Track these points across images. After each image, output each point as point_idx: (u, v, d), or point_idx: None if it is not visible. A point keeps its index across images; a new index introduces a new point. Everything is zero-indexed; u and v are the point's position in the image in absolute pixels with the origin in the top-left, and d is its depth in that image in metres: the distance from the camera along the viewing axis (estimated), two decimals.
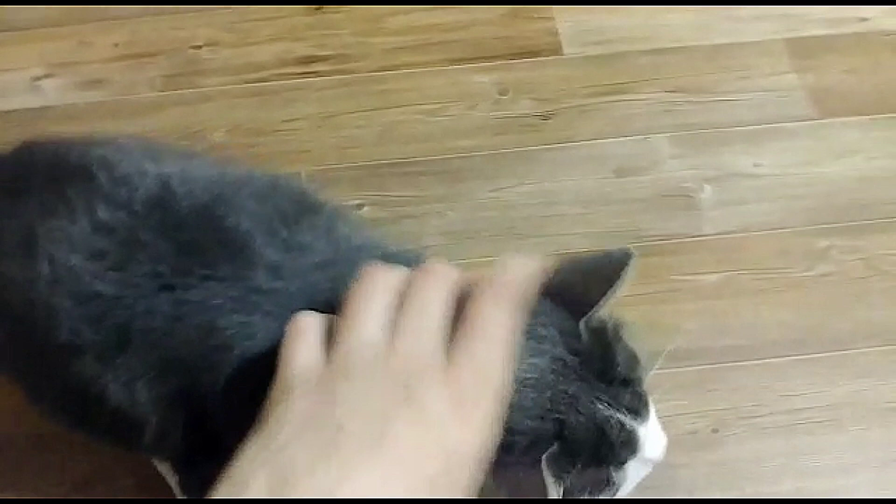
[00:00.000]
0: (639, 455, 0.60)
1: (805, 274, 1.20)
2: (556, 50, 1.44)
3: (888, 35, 1.44)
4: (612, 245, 1.21)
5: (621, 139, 1.33)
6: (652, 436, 0.62)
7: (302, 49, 1.49)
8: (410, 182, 1.31)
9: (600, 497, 0.59)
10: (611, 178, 1.29)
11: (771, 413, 1.10)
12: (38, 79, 1.49)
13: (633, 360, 0.64)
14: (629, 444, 0.59)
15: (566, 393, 0.55)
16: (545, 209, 1.27)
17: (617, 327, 0.65)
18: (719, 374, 1.13)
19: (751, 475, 1.05)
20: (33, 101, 1.46)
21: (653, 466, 0.65)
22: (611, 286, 0.62)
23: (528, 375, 0.55)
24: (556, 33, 1.46)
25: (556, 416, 0.55)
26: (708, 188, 1.28)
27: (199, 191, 0.67)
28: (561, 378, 0.56)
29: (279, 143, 1.37)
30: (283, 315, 0.49)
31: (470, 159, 1.33)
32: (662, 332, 1.15)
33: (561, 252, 1.22)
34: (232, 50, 1.50)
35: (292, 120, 1.39)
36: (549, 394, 0.55)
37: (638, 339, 0.67)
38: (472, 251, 1.23)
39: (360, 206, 1.29)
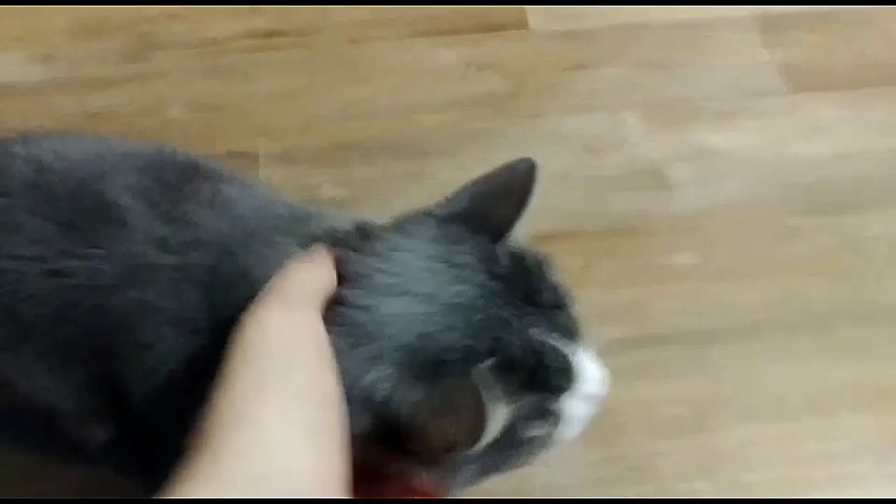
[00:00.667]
0: (578, 387, 0.53)
1: (779, 252, 1.08)
2: (523, 24, 1.31)
3: (860, 8, 1.33)
4: (582, 225, 1.12)
5: (589, 115, 1.21)
6: (591, 368, 0.55)
7: (263, 22, 1.34)
8: (374, 160, 1.18)
9: (544, 436, 0.52)
10: (579, 155, 1.17)
11: (755, 397, 0.99)
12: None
13: (559, 287, 0.56)
14: (566, 372, 0.52)
15: (497, 317, 0.50)
16: None
17: (539, 258, 0.58)
18: (699, 357, 1.01)
19: (737, 461, 0.94)
20: None
21: (596, 406, 0.57)
22: (521, 203, 0.59)
23: (456, 300, 0.50)
24: (522, 10, 1.33)
25: (490, 335, 0.49)
26: (680, 165, 1.16)
27: (76, 168, 0.61)
28: (489, 303, 0.50)
29: (238, 119, 1.23)
30: (178, 290, 0.46)
31: (435, 136, 1.19)
32: (638, 313, 1.04)
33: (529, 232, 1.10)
34: (189, 24, 1.35)
35: (252, 94, 1.25)
36: (479, 317, 0.50)
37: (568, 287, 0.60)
38: None
39: (320, 185, 1.16)
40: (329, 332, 0.46)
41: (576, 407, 0.53)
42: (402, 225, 0.58)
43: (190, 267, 0.53)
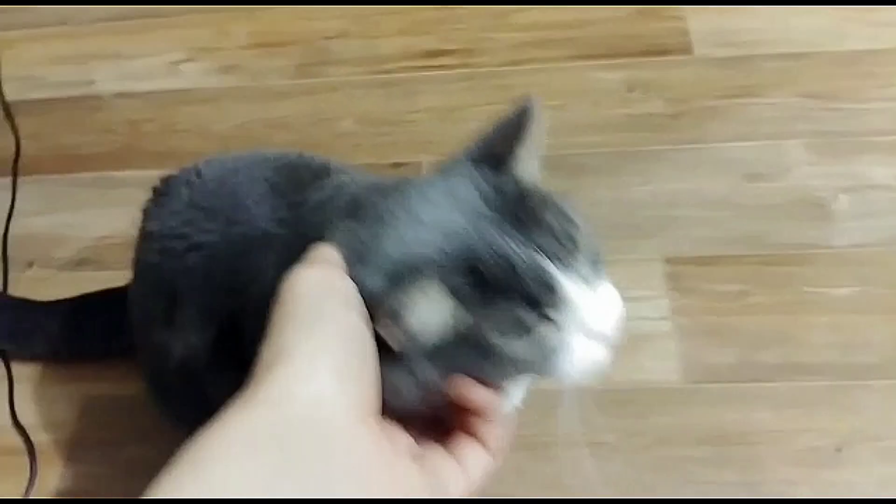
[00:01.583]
0: (565, 309, 0.52)
1: None
2: (687, 50, 1.37)
3: None
4: (739, 251, 1.16)
5: (752, 143, 1.25)
6: (586, 296, 0.53)
7: (428, 43, 1.46)
8: None
9: (527, 353, 0.53)
10: (740, 183, 1.21)
11: None
12: (178, 63, 1.50)
13: (563, 219, 0.55)
14: (545, 286, 0.52)
15: (481, 235, 0.53)
16: (670, 210, 1.20)
17: (549, 195, 0.58)
18: (846, 391, 1.05)
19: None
20: (172, 84, 1.48)
21: (605, 348, 0.57)
22: (520, 134, 0.61)
23: (447, 223, 0.53)
24: (686, 33, 1.38)
25: (468, 249, 0.52)
26: (843, 198, 1.18)
27: (220, 170, 0.81)
28: (477, 224, 0.53)
29: (403, 133, 1.34)
30: (288, 254, 0.54)
31: (594, 156, 1.27)
32: (791, 343, 1.07)
33: (686, 254, 1.15)
34: (361, 41, 1.48)
35: (417, 111, 1.36)
36: (463, 234, 0.53)
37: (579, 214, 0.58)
38: None
39: None
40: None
41: (570, 336, 0.54)
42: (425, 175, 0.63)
43: (298, 236, 0.61)
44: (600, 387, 1.06)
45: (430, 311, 0.51)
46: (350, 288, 0.50)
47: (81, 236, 1.31)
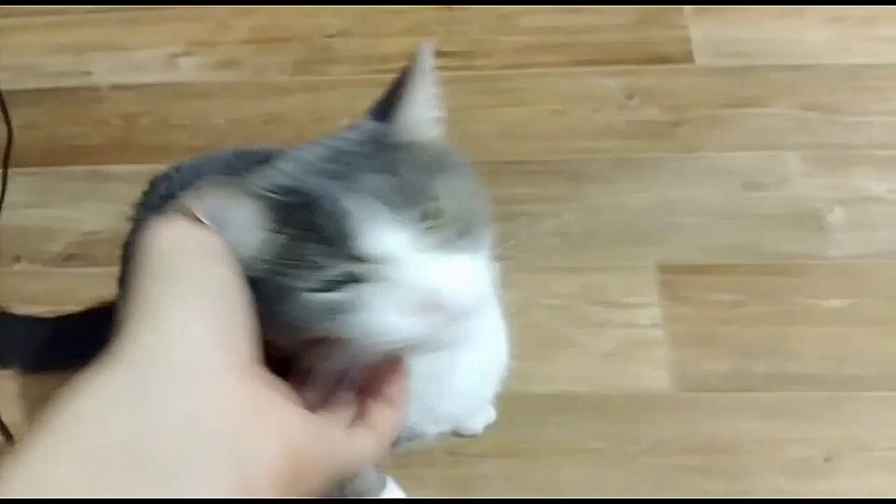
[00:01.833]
0: (384, 271, 0.47)
1: None
2: (688, 58, 1.38)
3: None
4: (734, 260, 1.17)
5: (750, 153, 1.27)
6: (426, 271, 0.47)
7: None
8: (529, 180, 1.27)
9: (323, 300, 0.48)
10: (737, 192, 1.23)
11: (890, 448, 1.03)
12: (177, 56, 1.51)
13: (430, 178, 0.51)
14: (353, 235, 0.47)
15: (322, 174, 0.50)
16: (666, 217, 1.21)
17: (434, 152, 0.55)
18: (837, 402, 1.06)
19: None
20: (170, 77, 1.48)
21: (435, 318, 0.48)
22: (407, 85, 0.56)
23: (308, 161, 0.52)
24: (688, 41, 1.40)
25: (301, 184, 0.50)
26: (838, 210, 1.20)
27: (199, 164, 0.83)
28: (324, 167, 0.51)
29: None
30: None
31: (592, 162, 1.28)
32: (783, 354, 1.08)
33: (681, 262, 1.16)
34: (362, 40, 1.49)
35: None
36: (306, 170, 0.51)
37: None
38: (587, 254, 1.19)
39: None
40: None
41: (379, 296, 0.48)
42: None
43: None
44: (593, 393, 1.09)
45: (232, 213, 0.48)
46: (214, 240, 0.48)
47: (71, 231, 1.31)
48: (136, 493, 0.38)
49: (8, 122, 1.44)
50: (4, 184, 1.37)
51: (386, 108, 0.56)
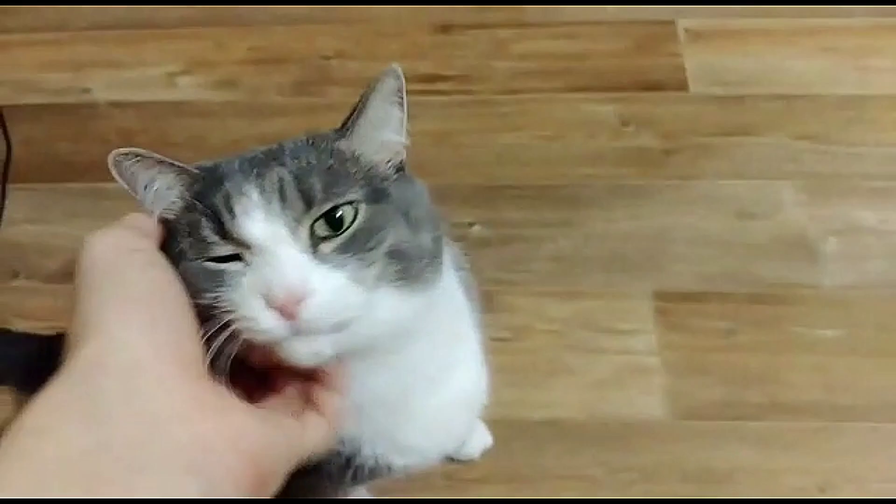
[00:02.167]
0: (251, 257, 0.49)
1: None
2: (682, 86, 1.39)
3: None
4: (728, 288, 1.18)
5: (744, 181, 1.28)
6: (280, 266, 0.49)
7: (426, 67, 1.47)
8: (524, 205, 1.27)
9: (204, 278, 0.50)
10: (730, 221, 1.23)
11: (883, 479, 1.03)
12: (175, 75, 1.51)
13: (342, 185, 0.52)
14: (231, 203, 0.50)
15: (247, 158, 0.54)
16: (660, 244, 1.22)
17: (380, 174, 0.56)
18: (830, 432, 1.06)
19: None
20: (169, 95, 1.48)
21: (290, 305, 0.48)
22: (365, 95, 0.58)
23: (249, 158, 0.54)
24: (682, 69, 1.41)
25: (220, 173, 0.53)
26: (832, 240, 1.21)
27: None
28: (261, 154, 0.54)
29: None
30: None
31: (586, 187, 1.29)
32: (776, 383, 1.08)
33: (675, 290, 1.17)
34: (359, 63, 1.49)
35: (412, 134, 1.36)
36: (240, 157, 0.54)
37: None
38: (581, 279, 1.19)
39: (471, 225, 1.25)
40: None
41: (249, 275, 0.49)
42: None
43: None
44: (588, 419, 1.09)
45: (144, 178, 0.52)
46: (149, 247, 0.49)
47: (69, 247, 1.29)
48: None
49: (7, 138, 1.43)
50: (3, 199, 1.36)
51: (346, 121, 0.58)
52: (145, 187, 0.53)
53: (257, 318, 0.48)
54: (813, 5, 1.46)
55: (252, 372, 0.52)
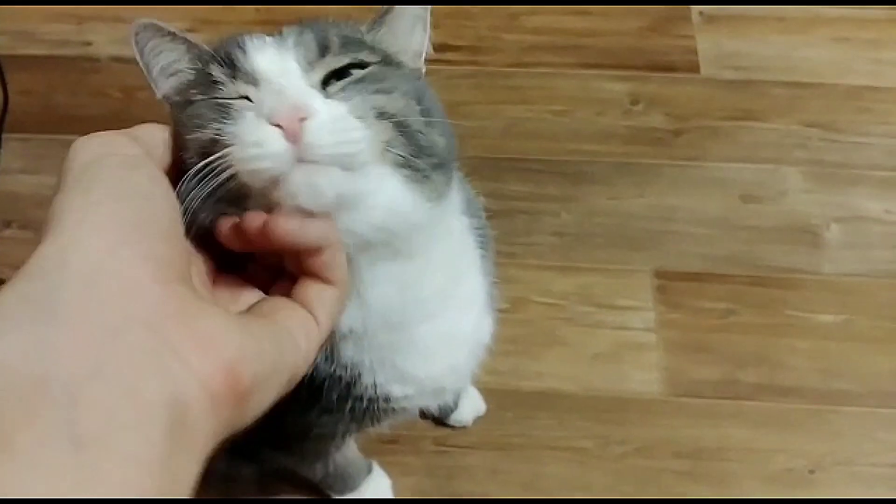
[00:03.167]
0: (258, 88, 0.49)
1: None
2: (694, 69, 1.39)
3: None
4: (729, 270, 1.18)
5: (750, 165, 1.28)
6: (287, 94, 0.48)
7: (437, 36, 1.43)
8: (529, 178, 1.28)
9: (211, 117, 0.49)
10: (736, 203, 1.24)
11: (872, 464, 1.04)
12: (182, 33, 1.49)
13: (359, 52, 0.53)
14: (243, 44, 0.51)
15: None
16: (664, 224, 1.22)
17: (400, 66, 0.57)
18: (823, 415, 1.07)
19: None
20: None
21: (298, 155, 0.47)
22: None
23: None
24: (694, 52, 1.41)
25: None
26: (835, 227, 1.21)
27: None
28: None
29: None
30: None
31: (592, 164, 1.29)
32: (772, 365, 1.09)
33: (676, 269, 1.17)
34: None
35: None
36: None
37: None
38: (583, 255, 1.20)
39: (475, 195, 1.25)
40: None
41: (251, 111, 0.48)
42: None
43: None
44: (582, 392, 1.09)
45: (160, 49, 0.53)
46: (137, 151, 0.46)
47: None
48: (41, 421, 0.33)
49: (4, 87, 1.43)
50: None
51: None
52: (159, 61, 0.53)
53: (260, 140, 0.47)
54: None
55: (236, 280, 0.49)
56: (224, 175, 0.47)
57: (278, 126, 0.46)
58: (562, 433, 1.05)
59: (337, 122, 0.48)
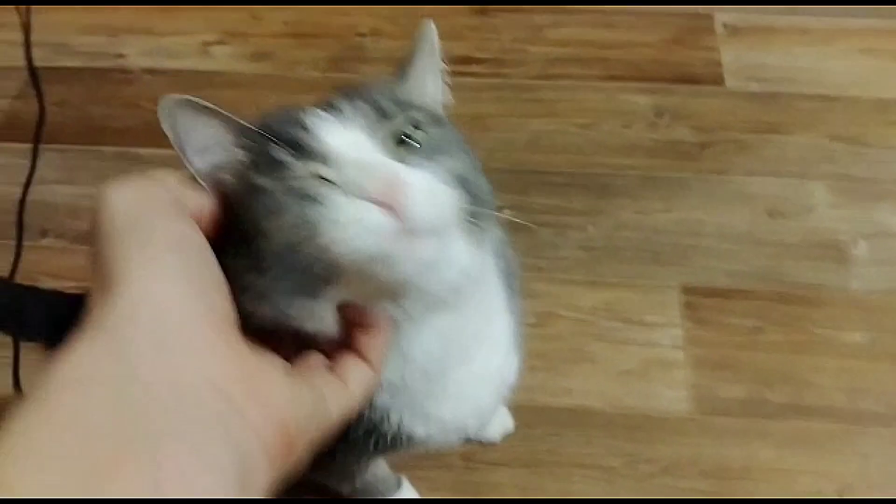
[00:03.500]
0: (335, 167, 0.47)
1: None
2: (718, 81, 1.37)
3: None
4: (756, 286, 1.16)
5: (776, 179, 1.26)
6: (374, 165, 0.46)
7: (461, 48, 1.45)
8: (554, 192, 1.26)
9: (286, 201, 0.47)
10: (761, 218, 1.22)
11: None
12: (210, 44, 1.50)
13: (409, 109, 0.51)
14: (306, 123, 0.48)
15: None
16: (690, 238, 1.20)
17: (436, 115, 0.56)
18: (851, 437, 1.05)
19: None
20: (202, 65, 1.47)
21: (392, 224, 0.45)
22: (413, 48, 0.58)
23: None
24: (719, 64, 1.39)
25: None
26: (862, 243, 1.19)
27: None
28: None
29: None
30: None
31: (618, 177, 1.27)
32: (799, 384, 1.07)
33: (704, 285, 1.15)
34: (394, 42, 1.48)
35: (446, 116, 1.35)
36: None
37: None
38: (610, 269, 1.18)
39: (500, 209, 1.24)
40: None
41: (333, 191, 0.46)
42: None
43: None
44: (611, 409, 1.08)
45: (197, 126, 0.48)
46: (173, 197, 0.46)
47: None
48: (124, 475, 0.34)
49: (40, 98, 1.43)
50: (35, 158, 1.36)
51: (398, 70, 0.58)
52: (196, 138, 0.49)
53: (360, 219, 0.45)
54: (854, 5, 1.44)
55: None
56: (315, 258, 0.45)
57: (375, 202, 0.45)
58: (590, 451, 1.04)
59: (431, 190, 0.47)
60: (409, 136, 0.49)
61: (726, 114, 1.33)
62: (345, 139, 0.48)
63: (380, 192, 0.45)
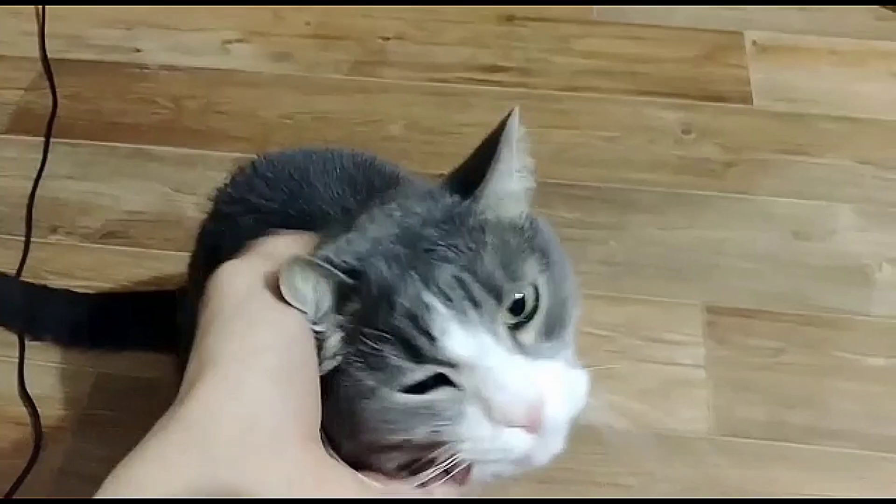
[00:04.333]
0: (468, 376, 0.46)
1: None
2: (746, 99, 1.40)
3: None
4: (779, 307, 1.19)
5: (802, 201, 1.29)
6: (514, 377, 0.46)
7: (487, 56, 1.49)
8: (577, 205, 1.29)
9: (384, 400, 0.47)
10: (786, 239, 1.25)
11: None
12: (230, 42, 1.53)
13: (512, 273, 0.48)
14: (426, 336, 0.45)
15: (391, 253, 0.48)
16: (713, 257, 1.23)
17: (529, 229, 0.54)
18: (871, 462, 1.07)
19: None
20: (222, 63, 1.50)
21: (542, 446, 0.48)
22: (489, 152, 0.52)
23: (377, 237, 0.50)
24: (747, 82, 1.42)
25: (368, 267, 0.48)
26: (887, 268, 1.22)
27: (289, 154, 0.80)
28: (394, 250, 0.48)
29: (451, 145, 1.37)
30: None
31: (642, 193, 1.30)
32: (820, 407, 1.09)
33: (727, 304, 1.18)
34: (419, 46, 1.51)
35: (468, 125, 1.39)
36: (370, 246, 0.49)
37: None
38: (631, 285, 1.21)
39: None
40: None
41: (467, 405, 0.46)
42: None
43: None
44: (629, 427, 1.10)
45: (306, 289, 0.47)
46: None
47: (111, 207, 1.32)
48: None
49: (53, 91, 1.45)
50: (46, 153, 1.38)
51: (467, 179, 0.53)
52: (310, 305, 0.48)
53: (505, 442, 0.46)
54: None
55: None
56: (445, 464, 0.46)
57: (519, 426, 0.46)
58: (607, 469, 1.06)
59: (568, 390, 0.49)
60: (526, 317, 0.48)
61: (753, 132, 1.37)
62: (472, 345, 0.46)
63: (524, 419, 0.46)
